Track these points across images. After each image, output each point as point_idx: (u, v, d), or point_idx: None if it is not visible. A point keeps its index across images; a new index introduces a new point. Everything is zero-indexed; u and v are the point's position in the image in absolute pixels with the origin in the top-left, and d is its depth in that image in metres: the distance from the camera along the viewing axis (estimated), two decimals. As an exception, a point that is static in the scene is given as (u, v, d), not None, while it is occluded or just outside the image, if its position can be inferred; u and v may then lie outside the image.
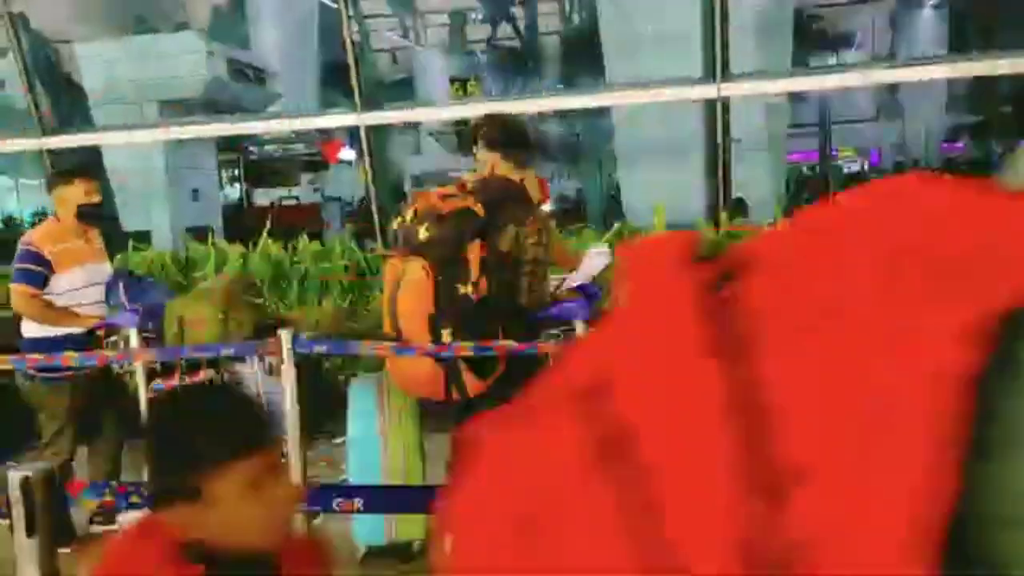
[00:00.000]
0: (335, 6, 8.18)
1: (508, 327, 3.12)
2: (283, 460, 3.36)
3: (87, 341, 3.63)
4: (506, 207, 3.20)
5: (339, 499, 1.58)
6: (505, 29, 17.62)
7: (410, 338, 2.98)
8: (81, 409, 3.67)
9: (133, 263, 6.91)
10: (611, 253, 3.75)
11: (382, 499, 1.62)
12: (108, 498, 1.69)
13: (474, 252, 2.92)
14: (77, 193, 3.67)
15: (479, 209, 3.01)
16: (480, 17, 17.00)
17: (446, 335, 2.92)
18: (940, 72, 10.33)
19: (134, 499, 1.70)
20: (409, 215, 3.02)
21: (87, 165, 3.86)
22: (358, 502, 1.57)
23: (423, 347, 3.02)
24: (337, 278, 6.54)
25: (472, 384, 3.00)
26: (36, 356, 3.45)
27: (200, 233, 8.70)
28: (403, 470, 3.20)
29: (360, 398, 3.25)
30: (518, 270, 3.19)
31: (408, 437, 3.22)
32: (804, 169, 24.36)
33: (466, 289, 2.91)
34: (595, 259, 3.68)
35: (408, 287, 2.94)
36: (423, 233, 2.90)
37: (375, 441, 3.19)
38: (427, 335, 2.93)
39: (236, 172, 17.59)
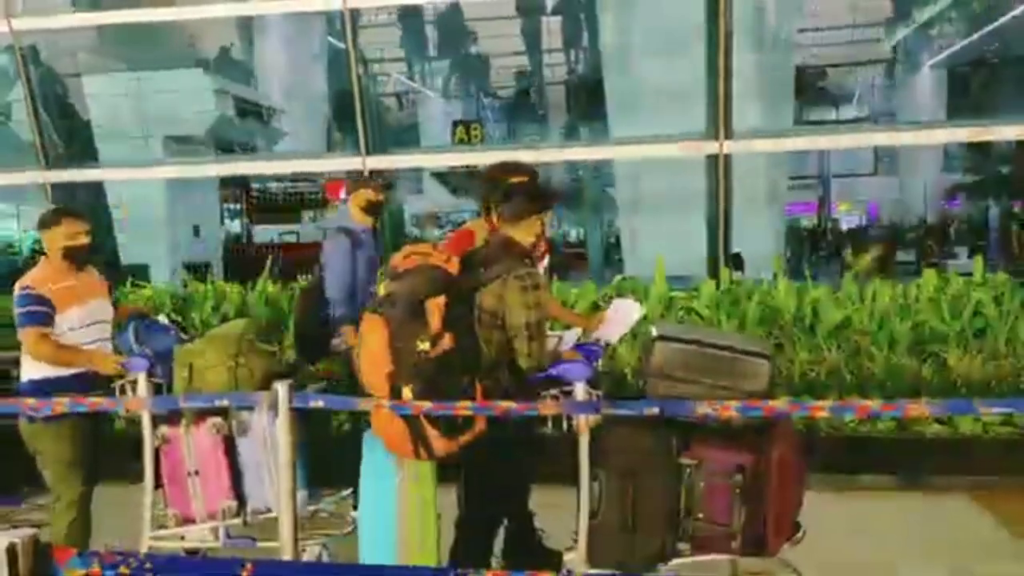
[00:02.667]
0: (344, 46, 8.26)
1: (492, 385, 3.08)
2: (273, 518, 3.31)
3: (95, 381, 3.58)
4: (493, 265, 3.19)
5: (333, 578, 1.53)
6: (511, 77, 17.87)
7: (373, 393, 2.96)
8: (86, 451, 3.64)
9: (130, 301, 6.88)
10: (641, 305, 3.74)
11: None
12: (95, 568, 1.64)
13: (434, 308, 2.91)
14: (62, 235, 3.64)
15: (449, 266, 3.02)
16: (487, 65, 17.24)
17: (407, 392, 2.88)
18: (939, 136, 10.44)
19: (123, 569, 1.65)
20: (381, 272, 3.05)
21: (75, 206, 3.82)
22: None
23: (419, 405, 2.98)
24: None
25: (439, 444, 2.96)
26: (29, 400, 3.41)
27: (199, 269, 8.68)
28: (420, 526, 3.12)
29: (376, 451, 3.13)
30: (508, 330, 3.13)
31: (425, 492, 3.12)
32: (803, 222, 24.47)
33: (423, 345, 2.88)
34: (630, 311, 3.65)
35: (365, 343, 2.96)
36: (382, 290, 2.95)
37: (391, 496, 3.09)
38: (386, 391, 2.91)
39: (238, 208, 17.63)
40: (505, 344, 3.15)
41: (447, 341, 2.91)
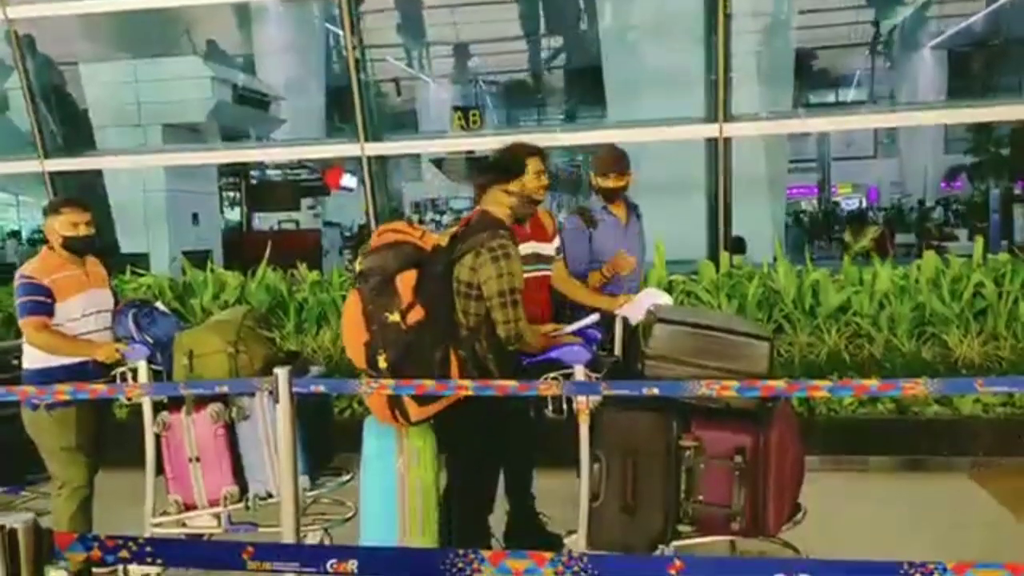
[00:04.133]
0: (342, 34, 8.22)
1: (468, 355, 3.16)
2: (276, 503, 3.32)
3: (96, 369, 3.60)
4: (465, 238, 3.23)
5: (333, 560, 1.54)
6: (509, 61, 17.79)
7: (354, 362, 3.17)
8: (87, 439, 3.66)
9: (130, 289, 6.88)
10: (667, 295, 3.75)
11: (379, 561, 1.58)
12: (96, 551, 1.64)
13: (404, 282, 3.06)
14: (63, 224, 3.65)
15: (423, 242, 3.15)
16: (485, 49, 17.17)
17: (382, 361, 3.06)
18: (939, 117, 10.39)
19: (123, 554, 1.66)
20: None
21: (79, 195, 3.82)
22: (352, 564, 1.54)
23: (423, 385, 3.00)
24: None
25: (414, 410, 3.08)
26: (29, 388, 3.42)
27: (199, 257, 8.67)
28: (421, 510, 3.14)
29: (377, 436, 3.16)
30: (485, 300, 3.14)
31: (426, 476, 3.16)
32: (803, 205, 24.44)
33: (394, 317, 3.04)
34: (652, 298, 3.65)
35: (345, 316, 3.20)
36: (358, 266, 3.14)
37: (392, 481, 3.12)
38: (363, 360, 3.11)
39: (237, 196, 17.58)
40: (483, 314, 3.18)
41: (418, 313, 3.05)
